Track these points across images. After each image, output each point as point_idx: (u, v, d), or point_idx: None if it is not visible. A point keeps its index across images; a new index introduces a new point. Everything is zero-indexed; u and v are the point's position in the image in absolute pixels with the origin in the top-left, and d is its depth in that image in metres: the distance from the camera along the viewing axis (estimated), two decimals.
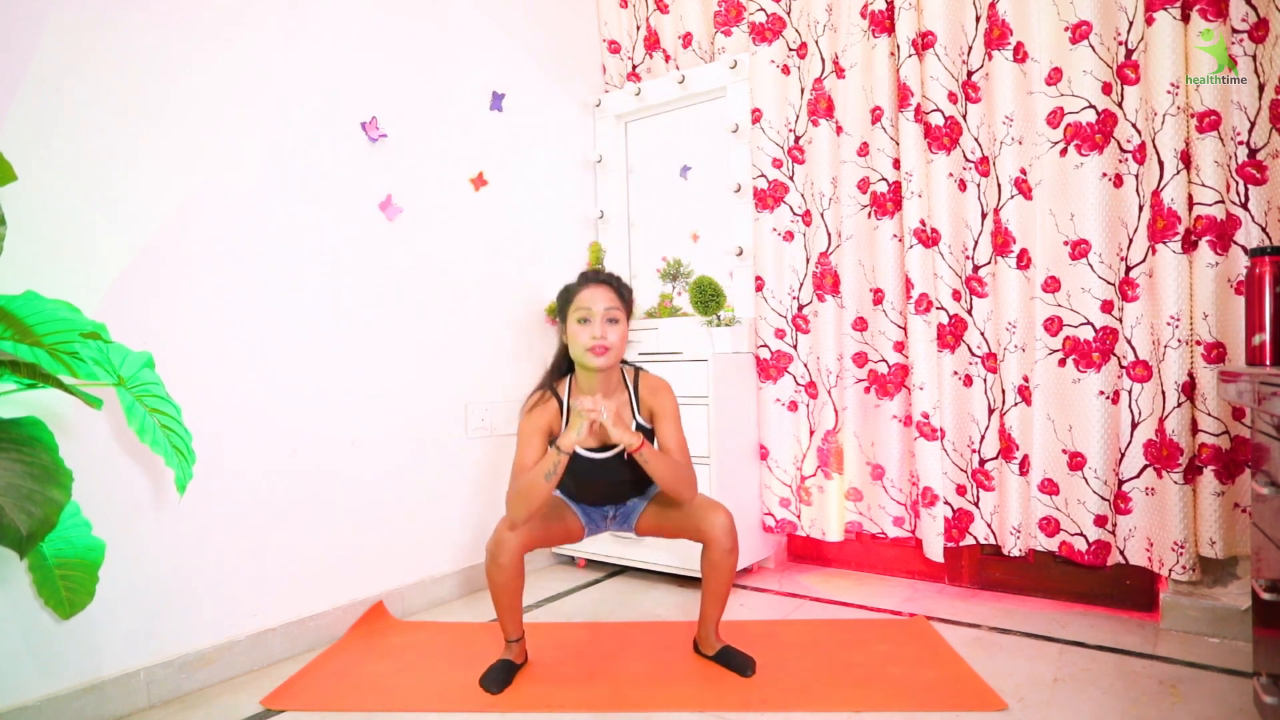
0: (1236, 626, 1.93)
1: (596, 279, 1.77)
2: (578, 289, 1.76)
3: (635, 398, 1.82)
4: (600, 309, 1.71)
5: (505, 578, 1.72)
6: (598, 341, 1.70)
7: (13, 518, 1.18)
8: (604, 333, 1.70)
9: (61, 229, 1.62)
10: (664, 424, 1.78)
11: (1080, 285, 2.09)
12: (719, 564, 1.76)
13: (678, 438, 1.78)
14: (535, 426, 1.75)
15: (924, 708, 1.61)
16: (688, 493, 1.73)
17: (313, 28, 2.09)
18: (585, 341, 1.70)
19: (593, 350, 1.70)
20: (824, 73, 2.49)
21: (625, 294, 1.79)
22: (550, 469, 1.63)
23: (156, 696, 1.73)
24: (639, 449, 1.65)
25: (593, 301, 1.72)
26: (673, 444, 1.77)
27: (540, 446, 1.74)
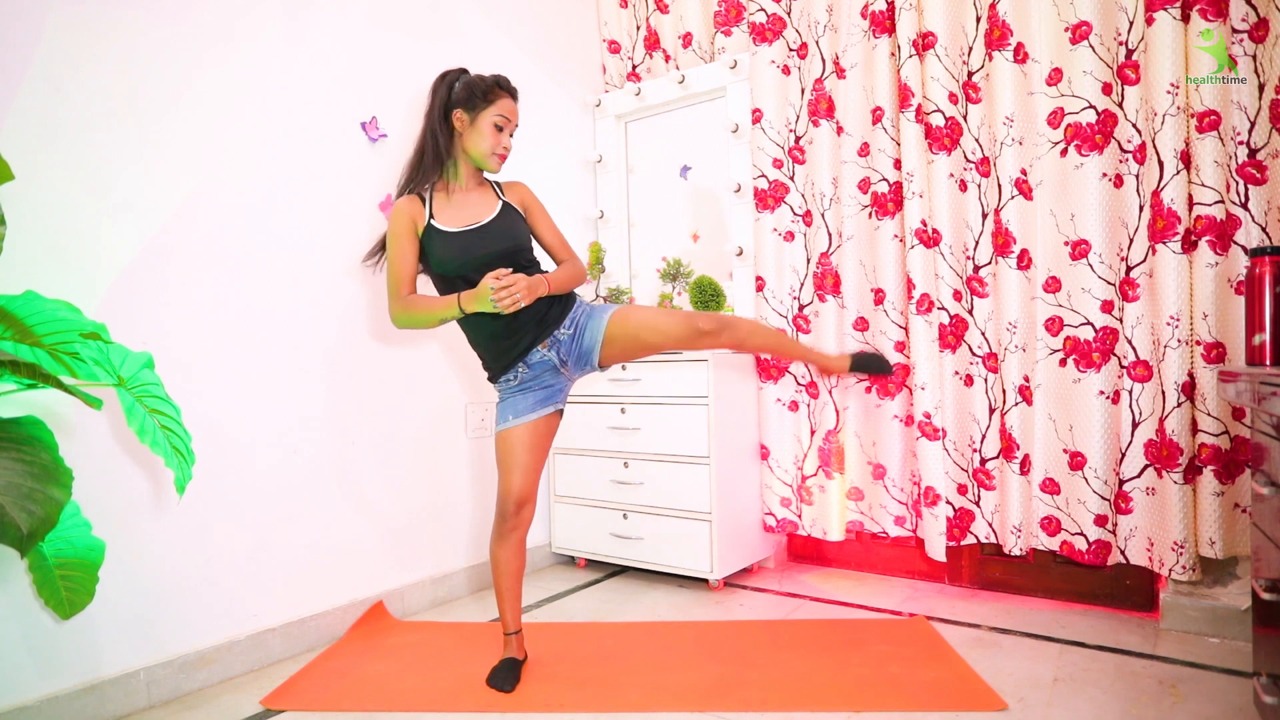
0: (1236, 626, 1.93)
1: (512, 90, 1.81)
2: (500, 93, 1.77)
3: (500, 189, 1.86)
4: (516, 121, 1.80)
5: (507, 555, 1.75)
6: (507, 150, 1.78)
7: (13, 516, 1.18)
8: (509, 144, 1.79)
9: (61, 229, 1.62)
10: (538, 219, 1.86)
11: (1081, 285, 2.09)
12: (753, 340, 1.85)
13: (554, 231, 1.87)
14: (403, 226, 1.73)
15: (924, 708, 1.61)
16: (583, 277, 1.82)
17: (313, 28, 2.09)
18: (494, 148, 1.76)
19: (500, 155, 1.78)
20: (824, 73, 2.49)
21: None
22: (447, 317, 1.69)
23: (156, 696, 1.73)
24: (550, 290, 1.70)
25: (513, 113, 1.79)
26: (552, 238, 1.87)
27: (411, 251, 1.73)
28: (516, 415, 1.75)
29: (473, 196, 1.79)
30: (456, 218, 1.74)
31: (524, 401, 1.76)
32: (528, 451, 1.74)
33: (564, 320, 1.76)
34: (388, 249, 1.75)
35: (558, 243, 1.87)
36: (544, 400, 1.77)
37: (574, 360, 1.77)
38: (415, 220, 1.74)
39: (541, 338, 1.73)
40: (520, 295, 1.62)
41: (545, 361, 1.75)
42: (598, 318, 1.77)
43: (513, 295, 1.61)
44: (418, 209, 1.75)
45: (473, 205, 1.77)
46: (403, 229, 1.73)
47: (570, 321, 1.76)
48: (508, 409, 1.76)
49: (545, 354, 1.75)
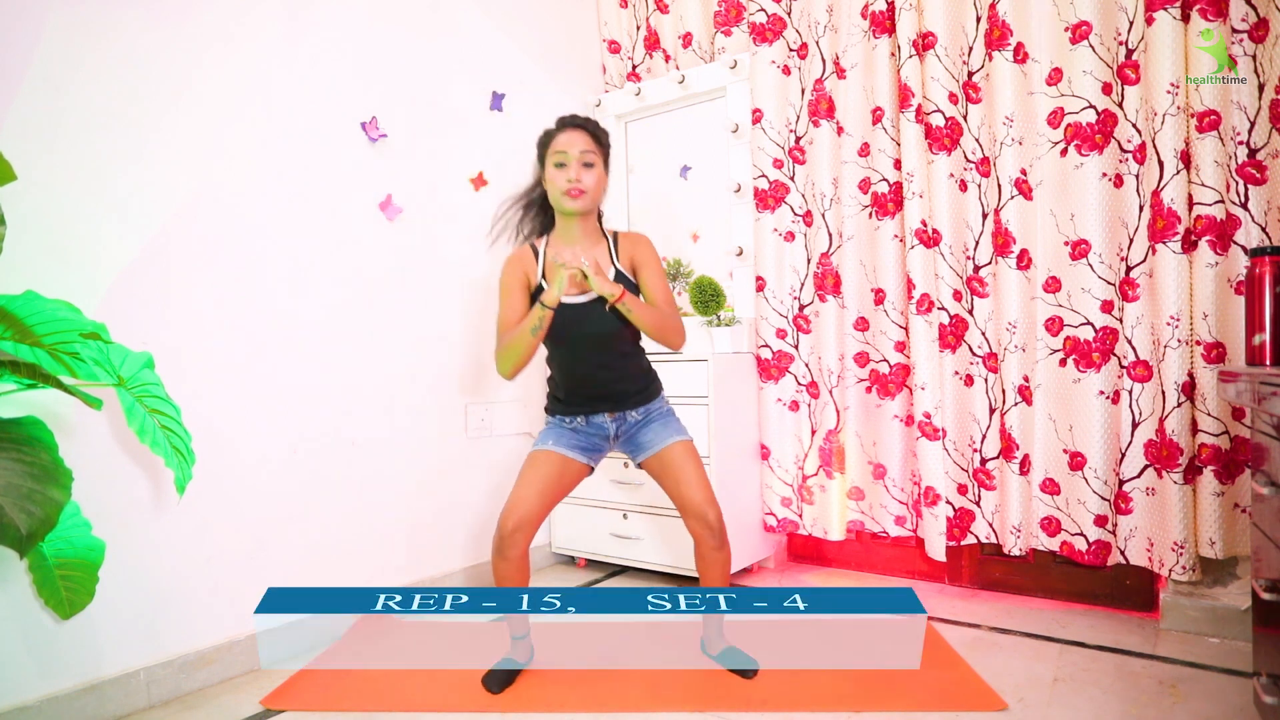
0: (1236, 626, 1.93)
1: (573, 122, 1.76)
2: (555, 133, 1.76)
3: (614, 247, 1.81)
4: (576, 152, 1.71)
5: (510, 571, 1.71)
6: (573, 184, 1.70)
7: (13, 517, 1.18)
8: (579, 175, 1.71)
9: (61, 229, 1.62)
10: (646, 273, 1.78)
11: (1080, 285, 2.09)
12: (711, 561, 1.76)
13: (662, 286, 1.77)
14: (513, 279, 1.75)
15: (924, 708, 1.61)
16: (675, 339, 1.74)
17: (313, 28, 2.09)
18: (562, 185, 1.71)
19: (569, 193, 1.70)
20: (825, 73, 2.49)
21: (602, 138, 1.78)
22: (536, 324, 1.65)
23: (156, 696, 1.73)
24: (620, 298, 1.65)
25: (569, 145, 1.71)
26: (658, 293, 1.77)
27: (521, 301, 1.74)
28: (556, 444, 1.78)
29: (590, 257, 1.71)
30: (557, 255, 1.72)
31: (568, 438, 1.80)
32: (549, 479, 1.75)
33: (640, 407, 1.80)
34: (499, 299, 1.76)
35: (661, 297, 1.77)
36: (584, 450, 1.81)
37: (624, 442, 1.82)
38: (528, 275, 1.76)
39: (613, 408, 1.79)
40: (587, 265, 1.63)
41: (603, 428, 1.80)
42: (667, 433, 1.79)
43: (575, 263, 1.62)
44: (530, 264, 1.77)
45: None
46: (516, 281, 1.75)
47: (645, 412, 1.81)
48: (550, 435, 1.80)
49: (607, 422, 1.80)
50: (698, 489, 1.74)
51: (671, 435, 1.79)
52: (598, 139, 1.77)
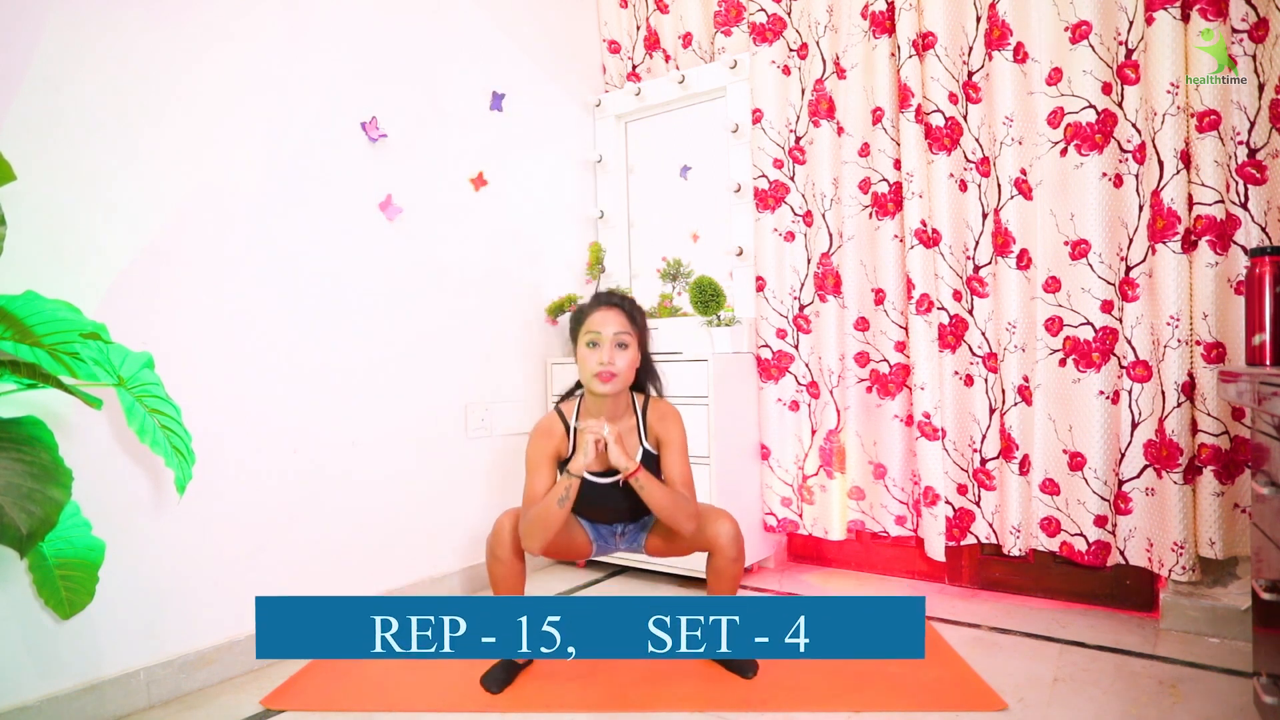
0: (1236, 626, 1.93)
1: (609, 301, 1.76)
2: (590, 310, 1.75)
3: (643, 423, 1.80)
4: (610, 333, 1.70)
5: (505, 571, 1.72)
6: (604, 367, 1.69)
7: (13, 517, 1.18)
8: (611, 358, 1.69)
9: (61, 229, 1.62)
10: (669, 453, 1.77)
11: (1080, 285, 2.09)
12: (724, 571, 1.75)
13: (682, 468, 1.75)
14: (542, 452, 1.76)
15: (924, 708, 1.61)
16: (686, 525, 1.69)
17: (313, 28, 2.09)
18: (592, 366, 1.70)
19: (599, 376, 1.69)
20: (825, 73, 2.49)
21: (638, 317, 1.77)
22: (563, 494, 1.64)
23: (156, 696, 1.73)
24: (634, 474, 1.65)
25: (603, 325, 1.71)
26: (676, 474, 1.75)
27: (548, 473, 1.74)
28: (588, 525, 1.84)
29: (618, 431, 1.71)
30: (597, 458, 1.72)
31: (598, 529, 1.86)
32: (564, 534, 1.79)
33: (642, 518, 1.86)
34: (527, 472, 1.76)
35: (680, 479, 1.75)
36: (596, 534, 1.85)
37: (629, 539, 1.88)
38: (559, 450, 1.77)
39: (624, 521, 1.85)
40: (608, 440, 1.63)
41: (613, 528, 1.86)
42: None
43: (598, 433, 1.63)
44: (561, 439, 1.78)
45: None
46: (544, 456, 1.76)
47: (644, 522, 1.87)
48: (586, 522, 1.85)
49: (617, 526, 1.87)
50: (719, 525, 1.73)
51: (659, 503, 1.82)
52: (633, 319, 1.75)
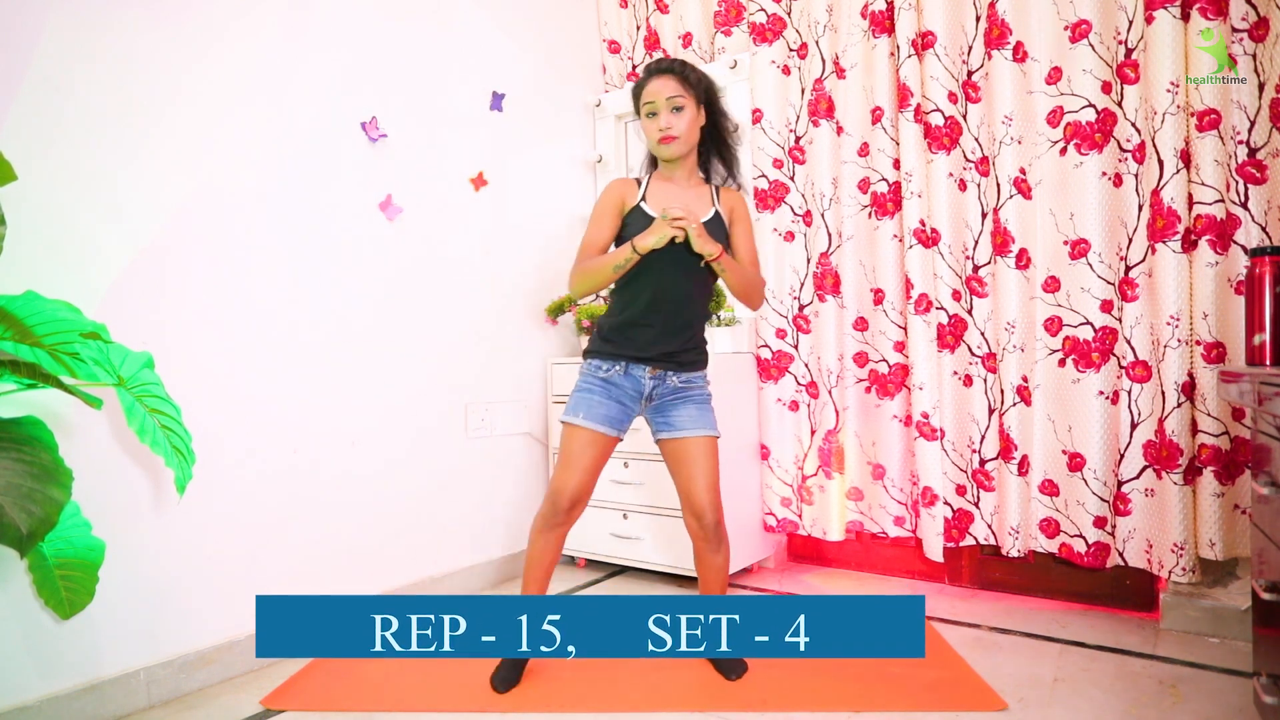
0: (1236, 626, 1.93)
1: (659, 68, 1.76)
2: (645, 81, 1.77)
3: (716, 192, 1.84)
4: (664, 99, 1.73)
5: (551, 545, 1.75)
6: (665, 131, 1.73)
7: (13, 516, 1.18)
8: (669, 122, 1.73)
9: (61, 229, 1.62)
10: (739, 229, 1.82)
11: (1080, 285, 2.09)
12: (708, 564, 1.77)
13: (750, 245, 1.83)
14: (610, 203, 1.78)
15: (924, 708, 1.61)
16: (756, 299, 1.80)
17: (313, 28, 2.09)
18: (654, 134, 1.75)
19: (661, 140, 1.74)
20: (824, 73, 2.49)
21: (690, 77, 1.77)
22: (621, 263, 1.67)
23: (156, 696, 1.73)
24: (719, 258, 1.69)
25: (657, 93, 1.73)
26: (745, 251, 1.82)
27: (611, 225, 1.77)
28: (591, 418, 1.73)
29: (690, 195, 1.80)
30: (666, 205, 1.73)
31: (602, 407, 1.74)
32: (594, 457, 1.74)
33: (685, 372, 1.78)
34: (590, 219, 1.79)
35: (748, 256, 1.82)
36: (616, 419, 1.75)
37: (655, 408, 1.79)
38: (625, 198, 1.79)
39: (657, 362, 1.75)
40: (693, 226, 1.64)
41: (640, 383, 1.76)
42: (700, 422, 1.76)
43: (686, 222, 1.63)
44: (631, 189, 1.80)
45: (687, 202, 1.77)
46: (610, 204, 1.78)
47: (687, 381, 1.78)
48: (584, 404, 1.74)
49: (645, 379, 1.76)
50: (707, 491, 1.74)
51: (704, 427, 1.76)
52: (686, 80, 1.75)
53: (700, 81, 1.78)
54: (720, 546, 1.76)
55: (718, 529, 1.75)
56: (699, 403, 1.78)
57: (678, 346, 1.76)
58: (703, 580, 1.80)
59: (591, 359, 1.79)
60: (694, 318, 1.80)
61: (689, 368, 1.78)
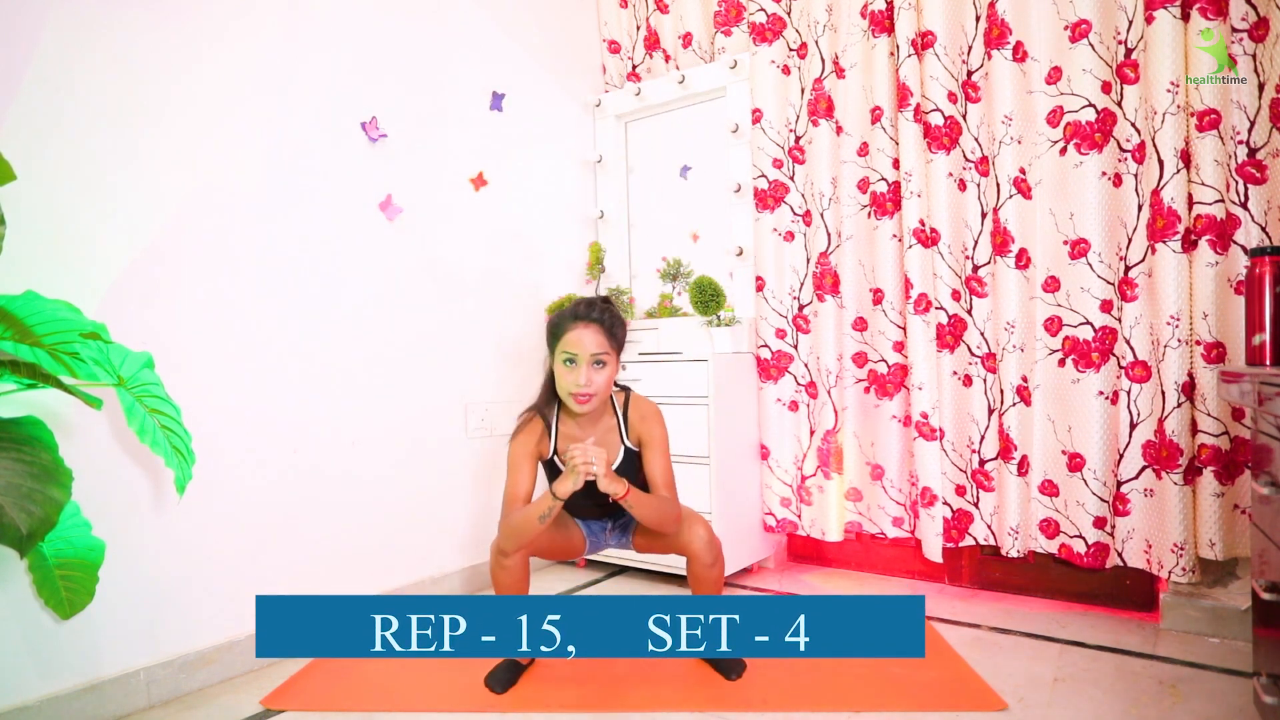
0: (1236, 626, 1.93)
1: (587, 316, 1.70)
2: (567, 327, 1.70)
3: (624, 423, 1.79)
4: (587, 354, 1.67)
5: (511, 580, 1.72)
6: (582, 389, 1.67)
7: (13, 516, 1.18)
8: (589, 379, 1.67)
9: (61, 229, 1.62)
10: (651, 454, 1.77)
11: (1080, 285, 2.09)
12: (702, 578, 1.76)
13: (664, 469, 1.76)
14: (524, 451, 1.76)
15: (924, 708, 1.61)
16: (671, 528, 1.73)
17: (313, 27, 2.09)
18: (569, 386, 1.68)
19: (576, 398, 1.68)
20: (824, 73, 2.49)
21: (617, 333, 1.74)
22: (545, 512, 1.63)
23: (156, 696, 1.73)
24: (625, 496, 1.63)
25: (579, 346, 1.67)
26: (659, 476, 1.75)
27: (529, 473, 1.75)
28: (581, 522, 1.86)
29: (599, 431, 1.77)
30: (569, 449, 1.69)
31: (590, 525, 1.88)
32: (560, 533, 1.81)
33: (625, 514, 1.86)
34: (508, 471, 1.76)
35: (661, 481, 1.75)
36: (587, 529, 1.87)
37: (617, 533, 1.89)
38: (540, 450, 1.78)
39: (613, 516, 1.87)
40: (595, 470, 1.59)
41: (603, 523, 1.89)
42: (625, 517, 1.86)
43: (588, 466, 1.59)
44: (543, 440, 1.78)
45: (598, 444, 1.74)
46: (524, 454, 1.76)
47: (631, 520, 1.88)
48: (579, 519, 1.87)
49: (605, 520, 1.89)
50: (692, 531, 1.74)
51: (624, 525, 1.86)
52: (612, 334, 1.71)
53: (622, 337, 1.76)
54: (716, 559, 1.75)
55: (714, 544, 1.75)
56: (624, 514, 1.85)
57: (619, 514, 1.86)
58: (695, 591, 1.80)
59: None
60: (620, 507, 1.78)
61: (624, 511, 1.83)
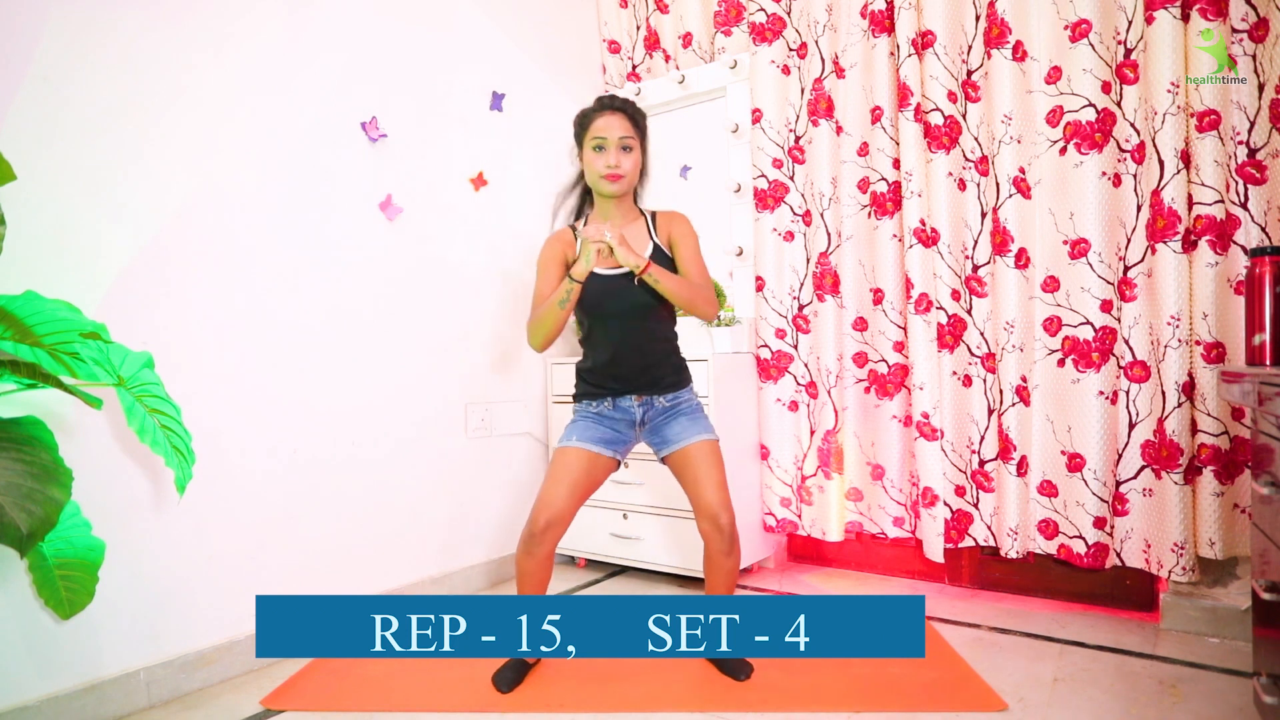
0: (1236, 626, 1.93)
1: (611, 105, 1.76)
2: (593, 115, 1.76)
3: (653, 225, 1.84)
4: (615, 137, 1.73)
5: (535, 567, 1.73)
6: (612, 169, 1.73)
7: (13, 516, 1.18)
8: (618, 160, 1.73)
9: (61, 229, 1.62)
10: (681, 248, 1.81)
11: (1080, 285, 2.09)
12: (718, 565, 1.76)
13: (696, 261, 1.80)
14: (550, 255, 1.81)
15: (924, 708, 1.61)
16: (706, 309, 1.76)
17: (314, 28, 2.09)
18: (600, 169, 1.74)
19: (607, 177, 1.73)
20: (824, 73, 2.49)
21: (640, 120, 1.80)
22: (564, 296, 1.68)
23: (156, 696, 1.73)
24: (646, 269, 1.67)
25: (608, 130, 1.73)
26: (691, 267, 1.80)
27: (556, 276, 1.79)
28: (581, 439, 1.77)
29: (628, 232, 1.79)
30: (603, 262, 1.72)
31: (593, 430, 1.78)
32: (578, 475, 1.75)
33: (669, 393, 1.81)
34: (536, 275, 1.80)
35: (695, 271, 1.80)
36: (609, 441, 1.79)
37: (650, 430, 1.82)
38: (565, 253, 1.81)
39: (641, 391, 1.79)
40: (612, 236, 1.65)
41: (630, 412, 1.80)
42: (695, 429, 1.78)
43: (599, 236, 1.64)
44: (569, 243, 1.82)
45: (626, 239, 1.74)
46: (552, 258, 1.80)
47: (674, 399, 1.81)
48: (575, 430, 1.79)
49: (634, 407, 1.80)
50: (715, 491, 1.74)
51: (699, 432, 1.78)
52: (636, 122, 1.77)
53: (645, 126, 1.81)
54: (733, 549, 1.75)
55: (732, 531, 1.74)
56: (689, 414, 1.81)
57: (654, 377, 1.80)
58: (710, 583, 1.79)
59: (580, 400, 1.84)
60: (659, 351, 1.81)
61: (672, 389, 1.81)
